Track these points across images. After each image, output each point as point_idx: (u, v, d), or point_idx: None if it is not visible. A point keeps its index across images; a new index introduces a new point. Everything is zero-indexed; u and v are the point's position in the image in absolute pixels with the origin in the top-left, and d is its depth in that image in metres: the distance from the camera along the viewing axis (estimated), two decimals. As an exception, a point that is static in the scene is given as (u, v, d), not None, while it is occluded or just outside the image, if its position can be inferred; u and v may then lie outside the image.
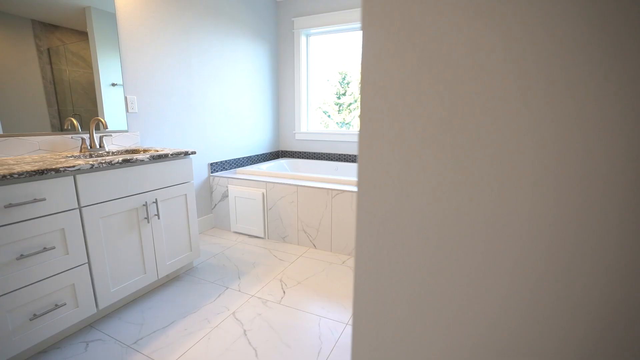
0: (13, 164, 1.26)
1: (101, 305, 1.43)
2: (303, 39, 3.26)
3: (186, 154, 1.79)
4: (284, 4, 3.24)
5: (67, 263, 1.30)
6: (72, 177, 1.29)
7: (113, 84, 1.94)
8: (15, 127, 1.51)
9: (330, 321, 1.51)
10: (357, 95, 3.34)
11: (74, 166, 1.27)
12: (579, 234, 0.31)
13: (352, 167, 3.11)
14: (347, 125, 3.46)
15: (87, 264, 1.37)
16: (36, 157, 1.48)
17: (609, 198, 0.28)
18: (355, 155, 3.17)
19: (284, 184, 2.34)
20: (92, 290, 1.39)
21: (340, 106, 3.48)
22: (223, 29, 2.63)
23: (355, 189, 2.15)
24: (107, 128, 1.68)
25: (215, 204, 2.69)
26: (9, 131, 1.49)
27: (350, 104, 3.45)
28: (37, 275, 1.21)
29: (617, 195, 0.28)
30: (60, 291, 1.29)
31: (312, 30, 3.21)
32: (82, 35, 1.78)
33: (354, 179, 2.29)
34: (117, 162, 1.43)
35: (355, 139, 3.13)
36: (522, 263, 0.41)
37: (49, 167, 1.20)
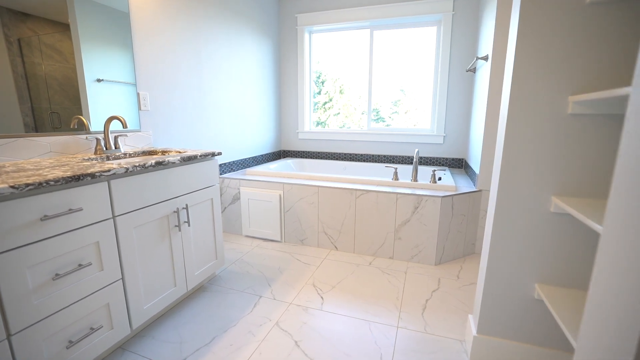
0: (36, 169, 1.09)
1: (135, 325, 1.29)
2: (306, 35, 3.18)
3: (213, 155, 1.66)
4: (287, -1, 3.14)
5: (102, 280, 1.15)
6: (107, 182, 1.14)
7: (99, 80, 1.75)
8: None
9: (381, 325, 1.47)
10: (332, 95, 3.36)
11: (109, 170, 1.12)
12: None
13: (360, 166, 3.09)
14: (322, 124, 3.42)
15: (121, 280, 1.22)
16: (52, 161, 1.30)
17: None
18: (362, 155, 3.15)
19: (303, 184, 2.26)
20: (126, 309, 1.25)
21: (315, 105, 3.44)
22: (230, 24, 2.49)
23: (379, 188, 2.13)
24: (126, 127, 1.51)
25: (225, 207, 2.54)
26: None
27: (325, 102, 3.41)
28: (73, 296, 1.05)
29: None
30: (95, 312, 1.13)
31: (315, 28, 3.14)
32: (58, 26, 1.58)
33: (378, 178, 2.27)
34: (151, 165, 1.29)
35: (363, 138, 3.11)
36: None
37: (84, 172, 1.05)
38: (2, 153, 1.26)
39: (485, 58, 2.07)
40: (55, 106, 1.59)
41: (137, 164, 1.24)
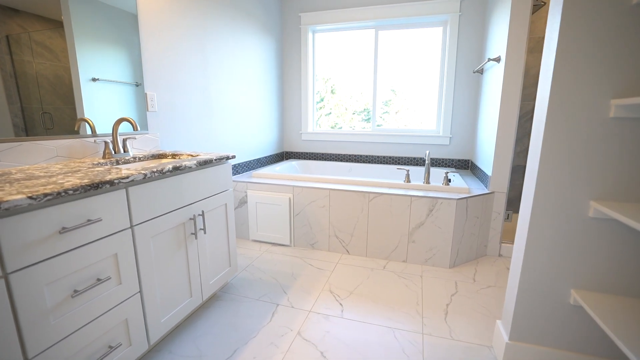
0: (48, 176, 1.00)
1: (152, 340, 1.21)
2: (310, 35, 3.12)
3: (227, 158, 1.59)
4: (290, -2, 3.07)
5: (121, 295, 1.07)
6: (125, 190, 1.06)
7: (94, 79, 1.66)
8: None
9: (406, 332, 1.44)
10: (324, 94, 3.31)
11: (127, 177, 1.04)
12: None
13: (366, 167, 3.06)
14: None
15: (139, 294, 1.14)
16: (61, 166, 1.21)
17: None
18: (367, 156, 3.12)
19: (314, 187, 2.21)
20: (143, 323, 1.17)
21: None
22: (234, 21, 2.42)
23: (393, 191, 2.09)
24: (137, 129, 1.43)
25: (231, 212, 2.46)
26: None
27: (317, 102, 3.37)
28: (92, 313, 0.97)
29: None
30: (113, 329, 1.06)
31: (319, 27, 3.09)
32: (49, 22, 1.49)
33: (389, 180, 2.23)
34: (168, 170, 1.22)
35: (369, 139, 3.08)
36: None
37: (102, 179, 0.98)
38: (4, 158, 1.17)
39: (498, 59, 2.06)
40: (47, 106, 1.50)
41: (155, 169, 1.16)
